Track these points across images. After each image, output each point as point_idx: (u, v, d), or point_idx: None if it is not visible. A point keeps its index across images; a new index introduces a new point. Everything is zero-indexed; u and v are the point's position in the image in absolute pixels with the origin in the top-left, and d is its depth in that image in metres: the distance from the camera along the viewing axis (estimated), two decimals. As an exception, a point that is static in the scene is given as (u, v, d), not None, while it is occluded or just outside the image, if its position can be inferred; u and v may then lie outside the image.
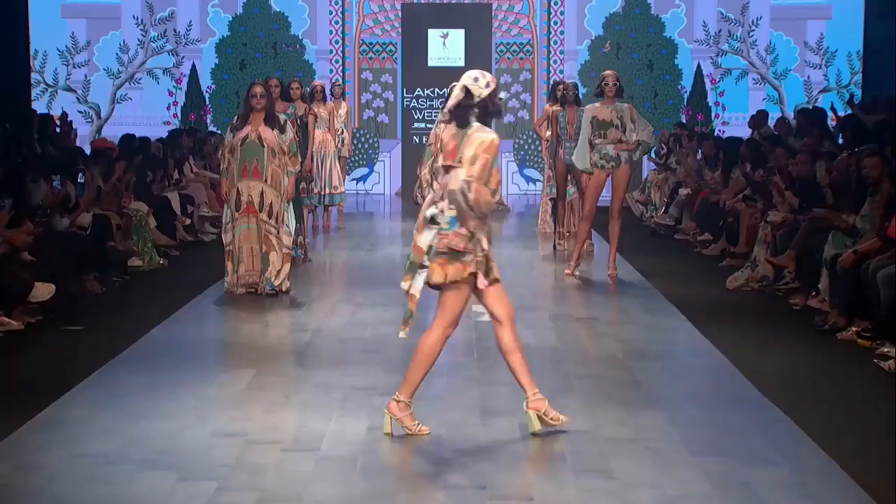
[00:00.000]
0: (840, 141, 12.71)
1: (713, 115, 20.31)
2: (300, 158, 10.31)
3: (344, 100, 17.20)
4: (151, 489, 5.13)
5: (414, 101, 20.42)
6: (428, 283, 5.84)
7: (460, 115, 5.82)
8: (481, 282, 5.87)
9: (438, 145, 5.94)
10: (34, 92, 19.15)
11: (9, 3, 15.46)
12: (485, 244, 5.86)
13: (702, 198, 14.00)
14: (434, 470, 5.41)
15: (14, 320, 8.49)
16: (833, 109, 15.40)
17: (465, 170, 5.73)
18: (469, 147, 5.75)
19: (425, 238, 5.80)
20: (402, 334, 5.96)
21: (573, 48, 20.51)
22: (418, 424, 5.91)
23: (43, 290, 8.78)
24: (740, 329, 8.79)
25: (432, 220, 5.79)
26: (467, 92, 5.79)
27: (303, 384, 7.07)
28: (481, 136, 5.77)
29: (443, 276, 5.81)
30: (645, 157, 16.76)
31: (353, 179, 20.25)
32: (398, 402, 5.94)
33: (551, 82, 17.60)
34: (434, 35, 20.27)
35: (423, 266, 5.81)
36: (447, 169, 5.82)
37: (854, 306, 8.46)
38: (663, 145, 17.76)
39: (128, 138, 14.25)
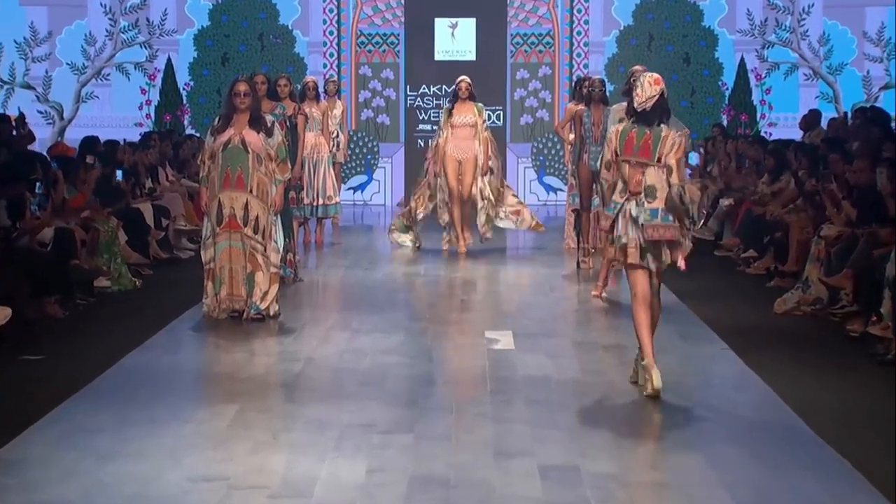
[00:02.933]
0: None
1: (758, 115, 20.35)
2: (290, 165, 10.35)
3: (339, 98, 17.26)
4: (121, 540, 5.14)
5: (418, 99, 20.48)
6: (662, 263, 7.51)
7: (653, 116, 7.44)
8: (682, 263, 7.53)
9: (614, 143, 7.47)
10: (-12, 90, 19.27)
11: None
12: None
13: (746, 209, 14.01)
14: (441, 519, 5.42)
15: (-35, 348, 8.51)
16: None
17: (675, 174, 7.37)
18: (671, 150, 7.39)
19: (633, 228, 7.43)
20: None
21: (599, 40, 20.56)
22: None
23: (-3, 315, 8.80)
24: (790, 359, 8.79)
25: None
26: (662, 94, 7.44)
27: (293, 421, 7.08)
28: (679, 139, 7.44)
29: (667, 258, 7.48)
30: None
31: (350, 188, 20.31)
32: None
33: (574, 78, 17.64)
34: (441, 25, 20.34)
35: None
36: (638, 164, 7.39)
37: (920, 333, 8.45)
38: (701, 150, 17.78)
39: (90, 141, 14.25)
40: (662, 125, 7.48)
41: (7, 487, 5.79)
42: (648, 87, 7.50)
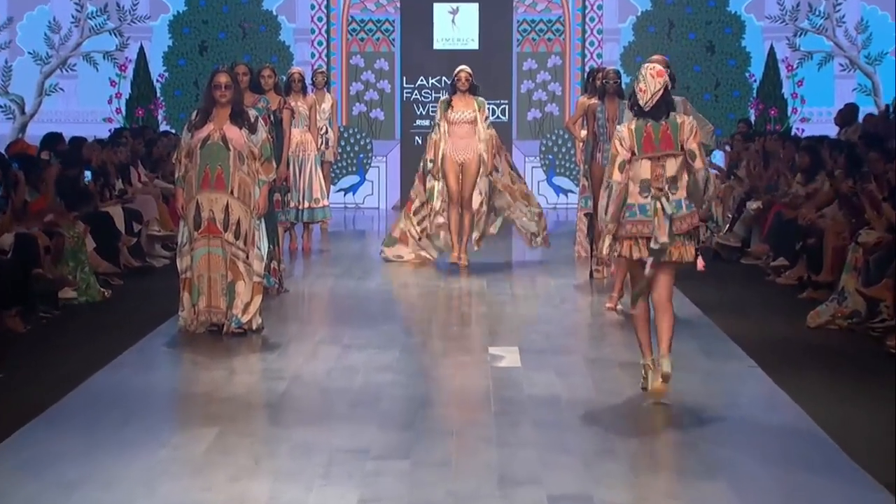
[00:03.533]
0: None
1: (790, 109, 20.37)
2: (275, 164, 10.36)
3: (328, 91, 17.29)
4: (88, 576, 5.15)
5: (416, 92, 20.51)
6: (667, 262, 7.83)
7: (659, 112, 7.77)
8: (700, 263, 7.96)
9: (630, 142, 7.77)
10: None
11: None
12: None
13: (775, 213, 14.02)
14: (441, 553, 5.43)
15: (-83, 366, 8.52)
16: None
17: (699, 158, 7.79)
18: (690, 135, 7.76)
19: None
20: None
21: (614, 27, 20.59)
22: None
23: (-47, 329, 8.82)
24: (824, 377, 8.80)
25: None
26: (666, 87, 7.77)
27: (277, 445, 7.09)
28: (694, 123, 7.83)
29: (690, 255, 7.84)
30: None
31: (340, 190, 20.33)
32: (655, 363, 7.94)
33: (587, 69, 17.67)
34: (441, 10, 20.36)
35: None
36: (659, 158, 7.74)
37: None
38: (727, 147, 17.80)
39: (52, 138, 14.25)
40: (672, 114, 7.85)
41: (-36, 518, 5.81)
42: (651, 80, 7.81)
